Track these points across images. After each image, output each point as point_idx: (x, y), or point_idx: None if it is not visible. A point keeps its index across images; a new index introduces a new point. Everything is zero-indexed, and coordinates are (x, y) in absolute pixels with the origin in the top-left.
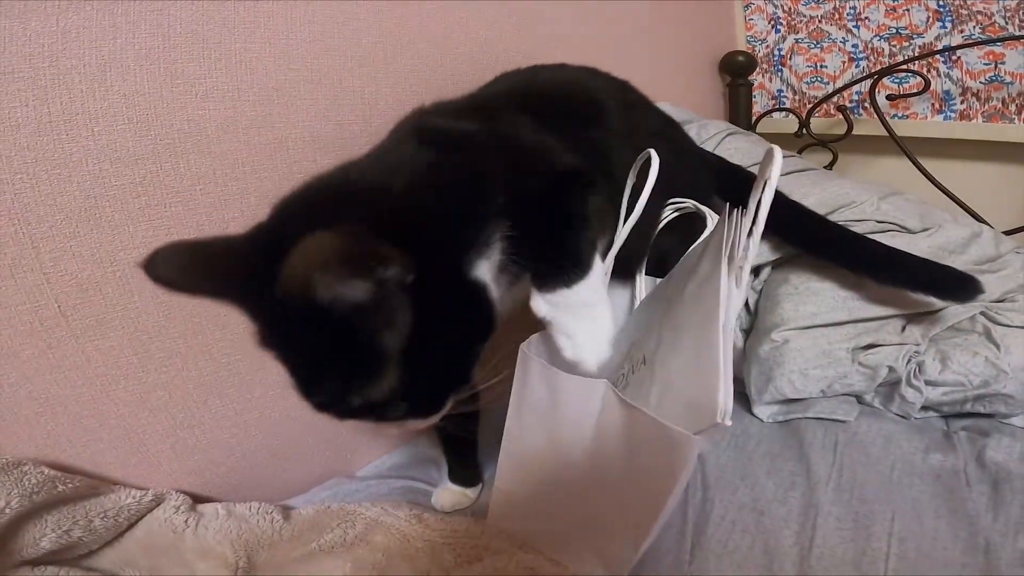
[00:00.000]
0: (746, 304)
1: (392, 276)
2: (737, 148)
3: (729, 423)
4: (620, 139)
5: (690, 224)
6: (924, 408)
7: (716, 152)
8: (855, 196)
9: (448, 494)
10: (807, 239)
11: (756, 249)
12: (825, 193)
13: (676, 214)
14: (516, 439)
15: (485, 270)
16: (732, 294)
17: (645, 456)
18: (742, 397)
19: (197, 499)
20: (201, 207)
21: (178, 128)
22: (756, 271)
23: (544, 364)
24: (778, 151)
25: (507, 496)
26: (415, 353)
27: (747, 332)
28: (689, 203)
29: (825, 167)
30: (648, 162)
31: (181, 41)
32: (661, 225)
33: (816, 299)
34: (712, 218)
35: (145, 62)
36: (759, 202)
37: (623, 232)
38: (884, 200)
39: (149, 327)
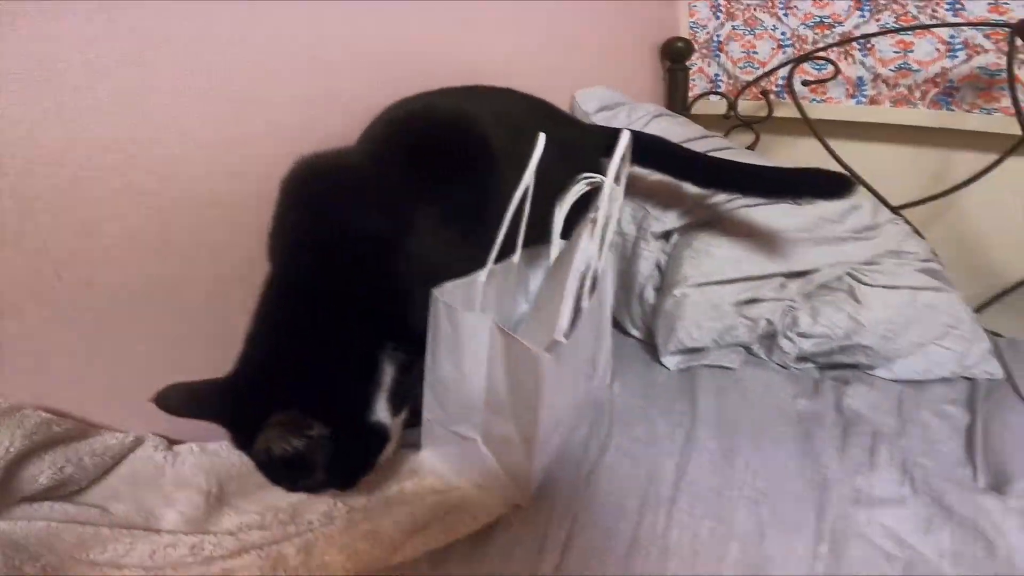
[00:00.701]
0: (658, 266)
1: (315, 433)
2: (661, 129)
3: (564, 340)
4: (505, 164)
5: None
6: (803, 359)
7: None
8: None
9: None
10: (690, 172)
11: (607, 209)
12: None
13: (589, 187)
14: (432, 371)
15: (382, 410)
16: (588, 243)
17: (519, 374)
18: (654, 349)
19: (172, 442)
20: (173, 187)
21: (151, 120)
22: (667, 236)
23: (448, 305)
24: (626, 134)
25: (432, 425)
26: (335, 466)
27: (658, 291)
28: (599, 178)
29: (748, 147)
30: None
31: (154, 46)
32: (575, 197)
33: (710, 260)
34: (609, 183)
35: (123, 63)
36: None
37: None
38: None
39: (130, 288)
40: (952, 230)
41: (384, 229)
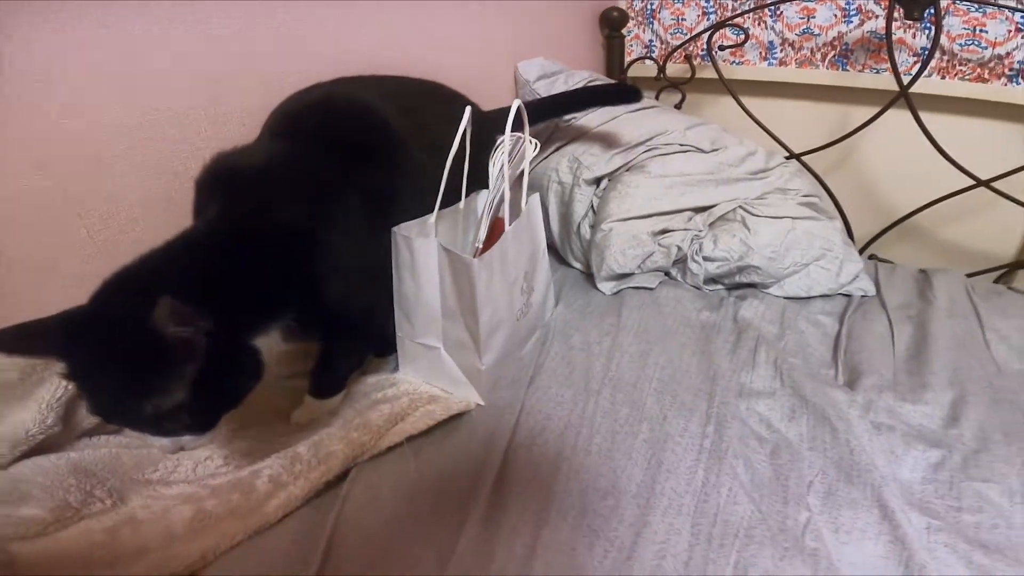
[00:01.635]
0: (592, 207)
1: (200, 328)
2: None
3: (480, 246)
4: (406, 142)
5: None
6: (711, 280)
7: None
8: (669, 127)
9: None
10: (551, 112)
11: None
12: (650, 125)
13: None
14: (398, 291)
15: (263, 340)
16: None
17: (460, 283)
18: (592, 277)
19: None
20: (173, 160)
21: (152, 110)
22: (597, 182)
23: (404, 236)
24: (516, 102)
25: (404, 341)
26: (202, 383)
27: (592, 228)
28: (519, 135)
29: (675, 106)
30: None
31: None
32: (503, 154)
33: (631, 199)
34: (532, 143)
35: (130, 65)
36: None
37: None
38: (690, 130)
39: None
40: (852, 174)
41: (297, 220)
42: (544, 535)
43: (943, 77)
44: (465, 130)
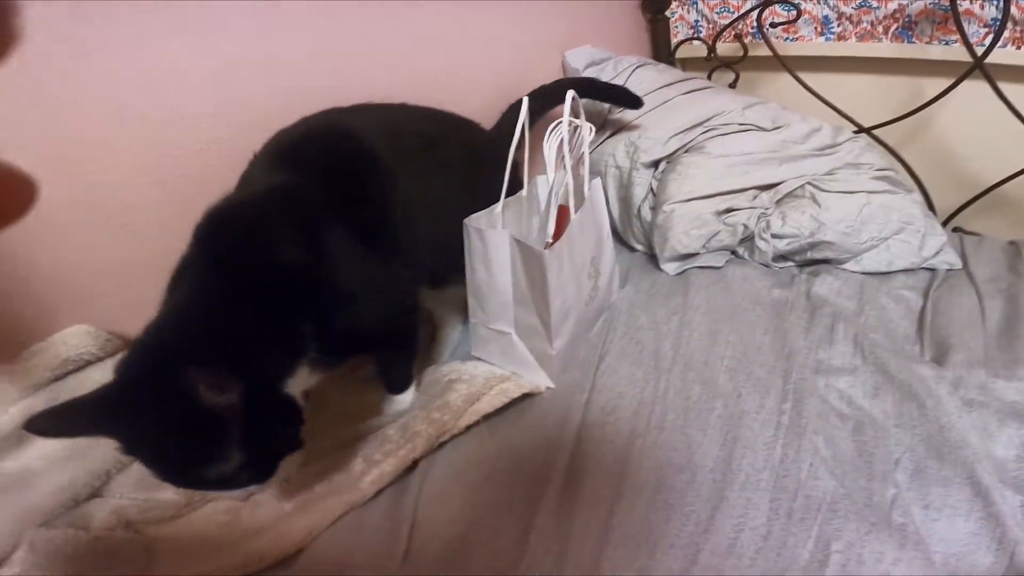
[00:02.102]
0: (651, 189)
1: (233, 390)
2: (645, 77)
3: (551, 240)
4: (395, 167)
5: None
6: (781, 258)
7: (627, 83)
8: (725, 107)
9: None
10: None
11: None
12: (706, 106)
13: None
14: (471, 280)
15: (293, 384)
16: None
17: (532, 270)
18: (655, 259)
19: None
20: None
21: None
22: (655, 165)
23: (476, 228)
24: (574, 94)
25: (477, 327)
26: (249, 440)
27: (652, 210)
28: (577, 120)
29: (730, 85)
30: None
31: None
32: (557, 138)
33: (691, 181)
34: (589, 128)
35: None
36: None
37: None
38: (748, 109)
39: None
40: (929, 146)
41: (294, 259)
42: (620, 508)
43: (1018, 47)
44: (522, 120)
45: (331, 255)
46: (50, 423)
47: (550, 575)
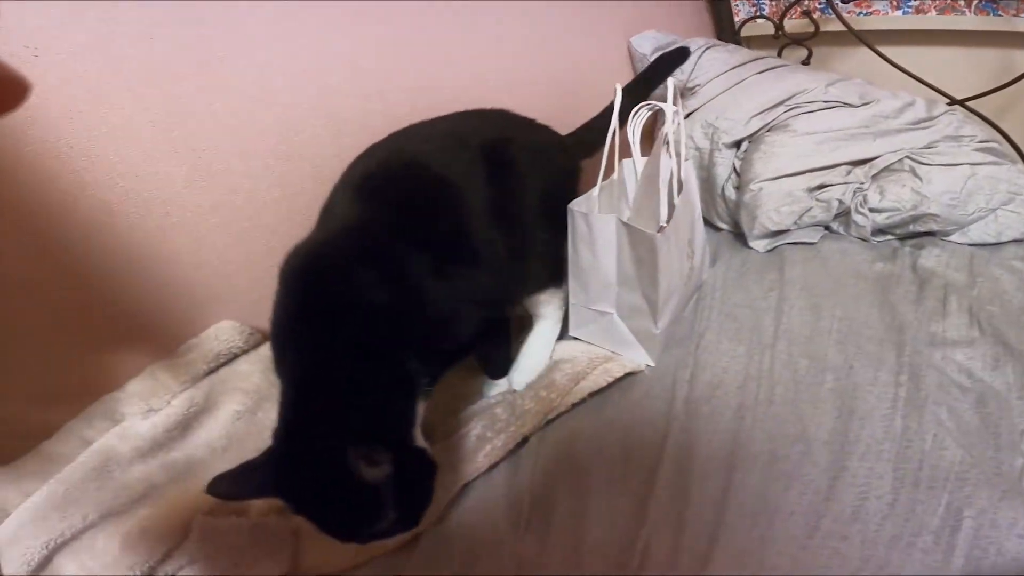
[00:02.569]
0: (734, 168)
1: (386, 460)
2: (715, 58)
3: (666, 224)
4: (467, 185)
5: None
6: (880, 232)
7: (697, 65)
8: (807, 85)
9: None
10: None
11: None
12: (785, 85)
13: (649, 112)
14: (574, 263)
15: (420, 437)
16: (666, 159)
17: (640, 252)
18: (742, 237)
19: None
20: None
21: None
22: (737, 145)
23: (582, 212)
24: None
25: (578, 308)
26: (400, 499)
27: (737, 189)
28: (660, 105)
29: (803, 62)
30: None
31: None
32: (640, 121)
33: (777, 159)
34: (670, 110)
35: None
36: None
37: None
38: (832, 86)
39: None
40: None
41: (384, 297)
42: (736, 478)
43: None
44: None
45: (420, 286)
46: (228, 486)
47: (669, 545)
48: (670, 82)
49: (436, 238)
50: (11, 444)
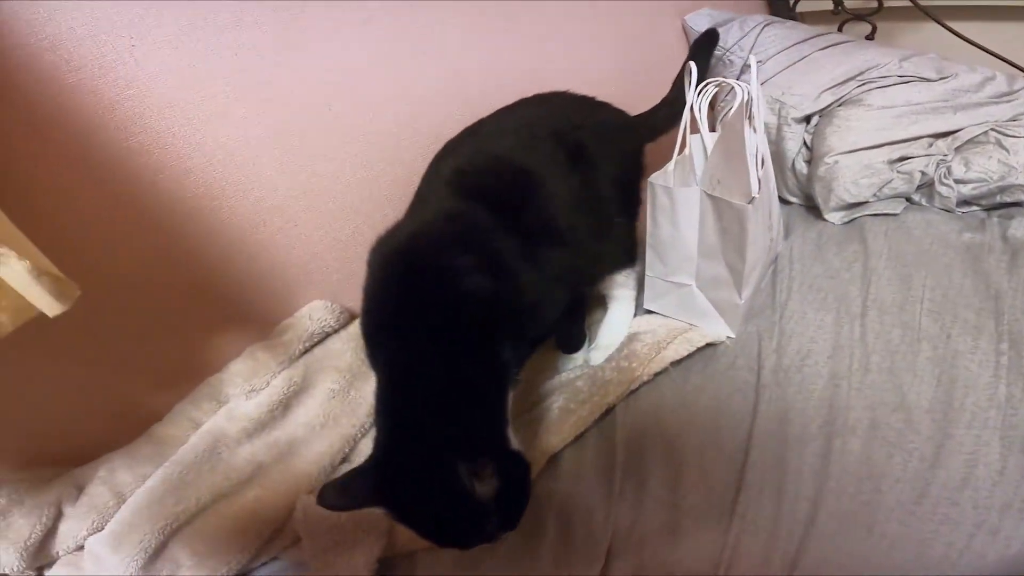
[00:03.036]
0: (805, 143)
1: (494, 477)
2: (775, 35)
3: (758, 195)
4: (546, 171)
5: None
6: (966, 203)
7: (756, 43)
8: (879, 60)
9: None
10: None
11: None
12: (855, 61)
13: (716, 89)
14: (653, 235)
15: (513, 439)
16: (750, 133)
17: (727, 223)
18: (815, 211)
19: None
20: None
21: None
22: (807, 120)
23: (664, 186)
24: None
25: (654, 280)
26: (502, 506)
27: (809, 163)
28: (730, 81)
29: (867, 37)
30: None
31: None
32: (707, 97)
33: (853, 132)
34: (740, 87)
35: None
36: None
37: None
38: (905, 60)
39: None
40: None
41: (482, 284)
42: (836, 444)
43: None
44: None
45: (515, 272)
46: (336, 497)
47: (771, 509)
48: (752, 59)
49: (526, 226)
50: (125, 427)
